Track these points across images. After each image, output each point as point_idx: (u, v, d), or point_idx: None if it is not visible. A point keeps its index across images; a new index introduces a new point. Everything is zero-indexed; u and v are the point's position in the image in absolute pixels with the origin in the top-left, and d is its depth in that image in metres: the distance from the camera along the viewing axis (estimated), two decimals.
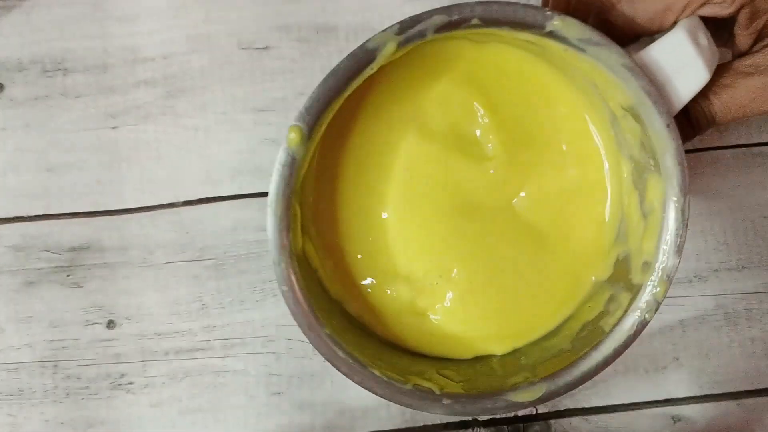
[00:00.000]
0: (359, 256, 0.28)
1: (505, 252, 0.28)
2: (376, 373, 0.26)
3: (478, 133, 0.28)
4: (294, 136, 0.24)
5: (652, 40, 0.26)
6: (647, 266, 0.26)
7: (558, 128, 0.28)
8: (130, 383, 0.33)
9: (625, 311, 0.26)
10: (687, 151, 0.34)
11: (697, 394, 0.33)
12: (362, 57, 0.24)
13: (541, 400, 0.26)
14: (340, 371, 0.26)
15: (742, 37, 0.27)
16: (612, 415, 0.33)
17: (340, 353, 0.26)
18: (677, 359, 0.33)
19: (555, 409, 0.33)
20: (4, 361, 0.33)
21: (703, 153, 0.35)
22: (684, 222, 0.25)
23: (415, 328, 0.28)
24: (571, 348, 0.27)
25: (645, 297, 0.26)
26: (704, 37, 0.25)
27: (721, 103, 0.26)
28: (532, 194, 0.28)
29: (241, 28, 0.35)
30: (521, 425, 0.33)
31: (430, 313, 0.28)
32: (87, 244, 0.34)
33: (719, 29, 0.27)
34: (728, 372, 0.33)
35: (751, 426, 0.33)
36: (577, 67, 0.26)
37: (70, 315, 0.34)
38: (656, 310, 0.26)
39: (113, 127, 0.35)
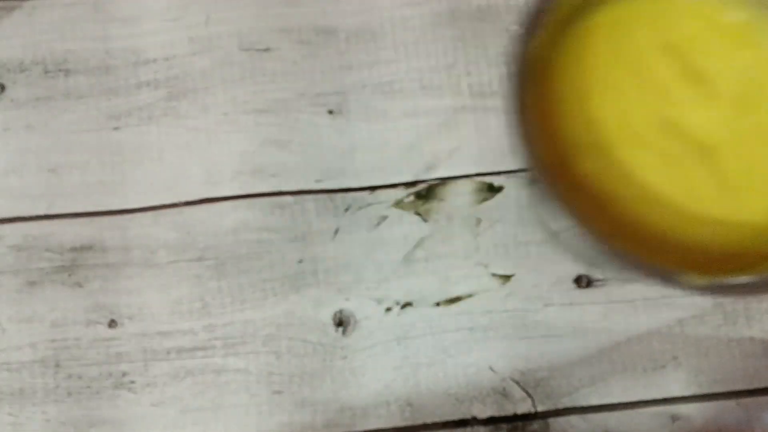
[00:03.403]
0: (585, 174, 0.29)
1: (696, 190, 0.28)
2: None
3: (703, 77, 0.29)
4: None
5: None
6: None
7: None
8: (132, 382, 0.33)
9: None
10: None
11: (696, 393, 0.33)
12: None
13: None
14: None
15: None
16: (610, 413, 0.33)
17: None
18: (676, 358, 0.33)
19: (554, 407, 0.33)
20: (6, 360, 0.33)
21: None
22: None
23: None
24: None
25: None
26: None
27: None
28: (741, 153, 0.29)
29: (242, 29, 0.36)
30: (520, 423, 0.33)
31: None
32: (89, 244, 0.34)
33: None
34: (727, 371, 0.33)
35: (750, 425, 0.33)
36: None
37: (72, 315, 0.34)
38: None
39: (115, 128, 0.35)
